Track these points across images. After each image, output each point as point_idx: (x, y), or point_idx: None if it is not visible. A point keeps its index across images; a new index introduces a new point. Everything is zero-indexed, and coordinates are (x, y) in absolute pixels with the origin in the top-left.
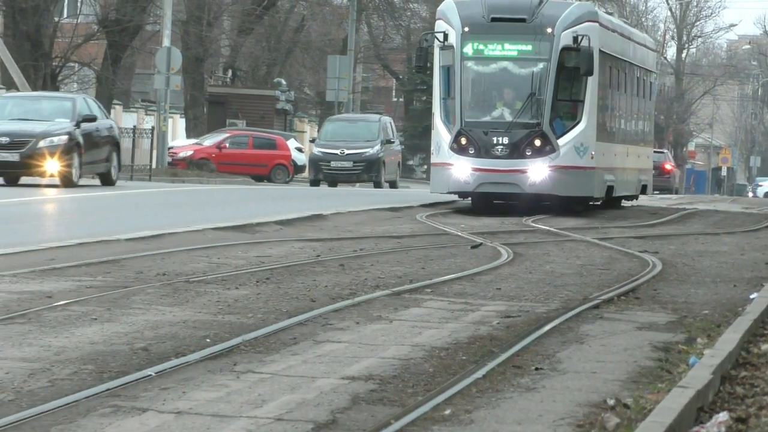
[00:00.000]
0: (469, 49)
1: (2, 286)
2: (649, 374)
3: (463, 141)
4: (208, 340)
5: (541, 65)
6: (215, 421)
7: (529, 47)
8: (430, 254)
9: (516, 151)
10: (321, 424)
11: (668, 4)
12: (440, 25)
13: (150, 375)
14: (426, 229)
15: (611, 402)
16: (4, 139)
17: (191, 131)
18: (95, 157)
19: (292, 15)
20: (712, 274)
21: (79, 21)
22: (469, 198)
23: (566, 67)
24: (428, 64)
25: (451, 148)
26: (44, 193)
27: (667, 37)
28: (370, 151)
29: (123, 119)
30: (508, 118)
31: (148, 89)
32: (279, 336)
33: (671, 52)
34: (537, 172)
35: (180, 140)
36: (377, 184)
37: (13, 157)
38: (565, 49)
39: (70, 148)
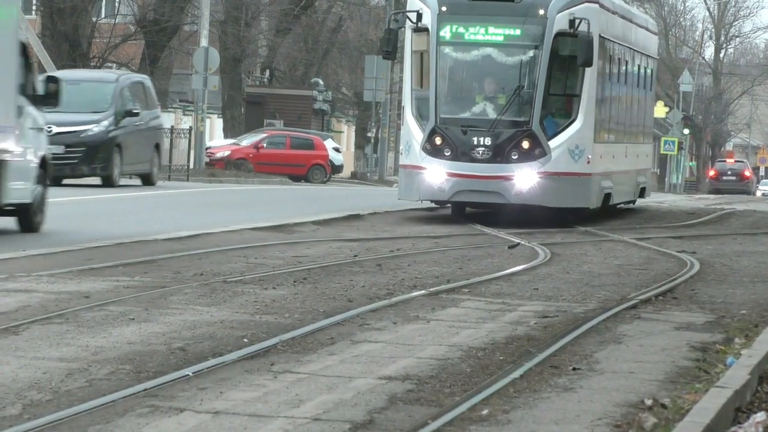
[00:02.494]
0: (446, 33)
1: (40, 286)
2: (687, 374)
3: (438, 141)
4: (245, 340)
5: (531, 53)
6: (252, 421)
7: (518, 32)
8: (468, 254)
9: (500, 154)
10: (358, 424)
11: (706, 4)
12: (413, 3)
13: (187, 375)
14: (463, 228)
15: (649, 402)
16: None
17: (229, 131)
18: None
19: (329, 15)
20: (750, 274)
21: (116, 21)
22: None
23: (560, 56)
24: (397, 49)
25: (424, 149)
26: (85, 194)
27: (705, 36)
28: (93, 128)
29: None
30: (492, 114)
31: (186, 89)
32: (316, 336)
33: (709, 52)
34: (524, 179)
35: (217, 140)
36: (107, 181)
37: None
38: (560, 35)
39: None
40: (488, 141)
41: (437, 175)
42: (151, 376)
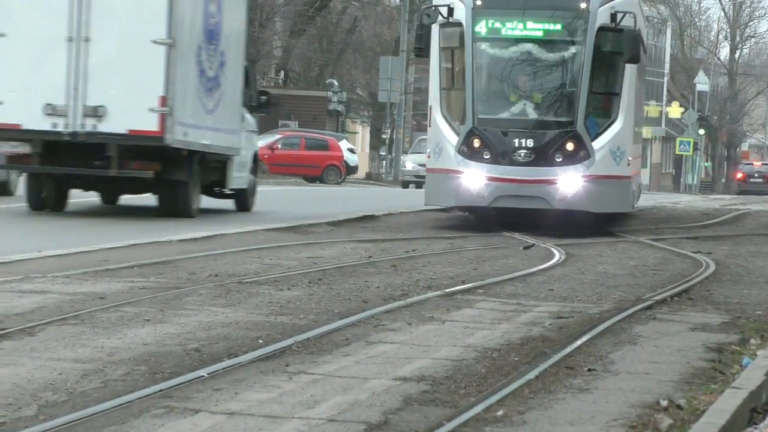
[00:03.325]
0: (482, 28)
1: (55, 287)
2: (702, 375)
3: (476, 143)
4: (260, 341)
5: (573, 49)
6: (267, 422)
7: (558, 26)
8: (483, 255)
9: (543, 156)
10: (373, 425)
11: (722, 4)
12: None
13: (202, 376)
14: (478, 229)
15: (664, 403)
16: None
17: None
18: None
19: (344, 16)
20: (765, 275)
21: None
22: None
23: (602, 52)
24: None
25: (460, 152)
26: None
27: (721, 37)
28: None
29: None
30: (533, 115)
31: None
32: (331, 337)
33: (724, 52)
34: (569, 183)
35: None
36: None
37: None
38: (602, 30)
39: None
40: (530, 143)
41: (476, 179)
42: (167, 377)
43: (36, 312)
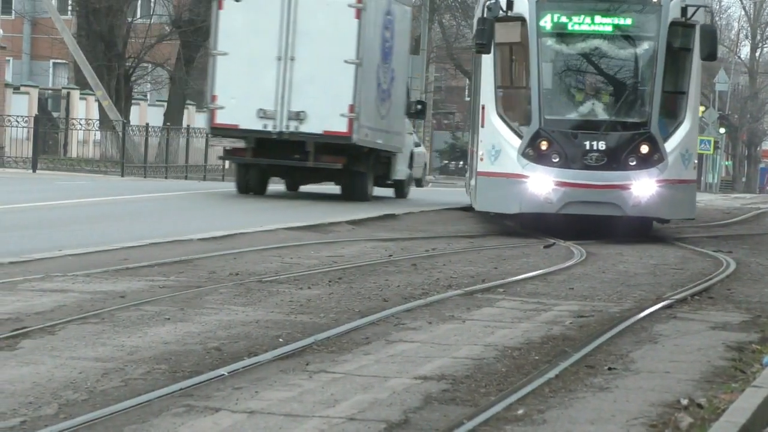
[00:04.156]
0: (547, 23)
1: (76, 286)
2: (723, 374)
3: (544, 146)
4: (280, 339)
5: (645, 45)
6: (288, 421)
7: (629, 21)
8: (503, 254)
9: (616, 160)
10: (393, 424)
11: (742, 3)
12: None
13: (223, 375)
14: (498, 228)
15: (685, 402)
16: None
17: None
18: None
19: None
20: None
21: (152, 21)
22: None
23: (673, 48)
24: (492, 41)
25: (525, 155)
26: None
27: (741, 36)
28: None
29: (196, 119)
30: (604, 115)
31: None
32: (351, 336)
33: (745, 51)
34: (642, 188)
35: None
36: None
37: None
38: (674, 24)
39: None
40: (602, 145)
41: (543, 184)
42: (187, 376)
43: (56, 311)
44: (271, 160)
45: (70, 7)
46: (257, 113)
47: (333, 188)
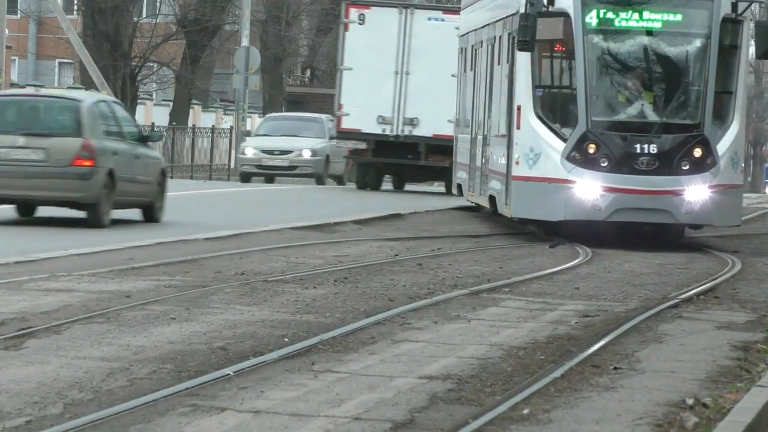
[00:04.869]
0: (593, 18)
1: (82, 286)
2: (728, 373)
3: (591, 149)
4: (286, 339)
5: (697, 42)
6: (293, 421)
7: (679, 17)
8: (508, 253)
9: (668, 164)
10: (399, 424)
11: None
12: None
13: (228, 374)
14: (504, 228)
15: (690, 401)
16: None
17: None
18: None
19: None
20: None
21: (158, 21)
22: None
23: (725, 46)
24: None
25: (570, 159)
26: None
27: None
28: None
29: (201, 119)
30: (654, 117)
31: (227, 89)
32: (357, 335)
33: (751, 50)
34: (695, 193)
35: None
36: None
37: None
38: (726, 20)
39: None
40: (654, 149)
41: (590, 190)
42: (192, 376)
43: (62, 310)
44: (389, 159)
45: (75, 7)
46: (377, 119)
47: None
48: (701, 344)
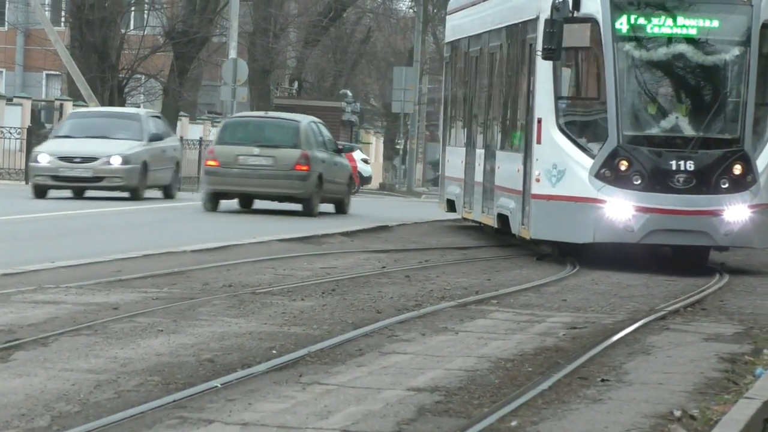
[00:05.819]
0: (623, 25)
1: (69, 298)
2: (716, 385)
3: (623, 166)
4: (274, 351)
5: (735, 51)
6: None
7: (716, 22)
8: (496, 265)
9: (706, 182)
10: None
11: None
12: None
13: (216, 386)
14: (491, 240)
15: (678, 413)
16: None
17: None
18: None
19: (358, 26)
20: None
21: (145, 33)
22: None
23: (763, 54)
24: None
25: (600, 176)
26: (112, 206)
27: None
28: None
29: (189, 131)
30: (690, 131)
31: (215, 101)
32: (345, 347)
33: None
34: (735, 214)
35: None
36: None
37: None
38: (765, 27)
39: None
40: (690, 165)
41: (622, 210)
42: (180, 388)
43: (49, 322)
44: None
45: (63, 19)
46: None
47: None
48: (689, 356)
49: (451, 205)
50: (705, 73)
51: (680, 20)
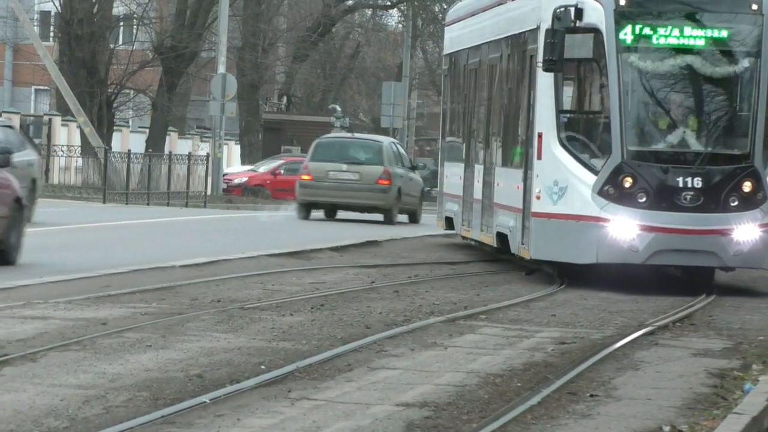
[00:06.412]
0: (628, 35)
1: (57, 313)
2: (705, 401)
3: (628, 183)
4: (262, 366)
5: (745, 62)
6: None
7: (725, 33)
8: (485, 280)
9: (714, 200)
10: None
11: None
12: None
13: (205, 402)
14: (480, 255)
15: (666, 429)
16: None
17: (246, 157)
18: None
19: (347, 41)
20: (767, 300)
21: (134, 48)
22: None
23: None
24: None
25: (603, 193)
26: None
27: None
28: None
29: (178, 146)
30: (697, 146)
31: (204, 116)
32: (334, 362)
33: None
34: (745, 233)
35: (235, 167)
36: None
37: None
38: None
39: None
40: (698, 182)
41: (626, 229)
42: (169, 403)
43: (38, 338)
44: None
45: (52, 34)
46: None
47: None
48: (677, 371)
49: (449, 223)
50: (713, 85)
51: (687, 30)
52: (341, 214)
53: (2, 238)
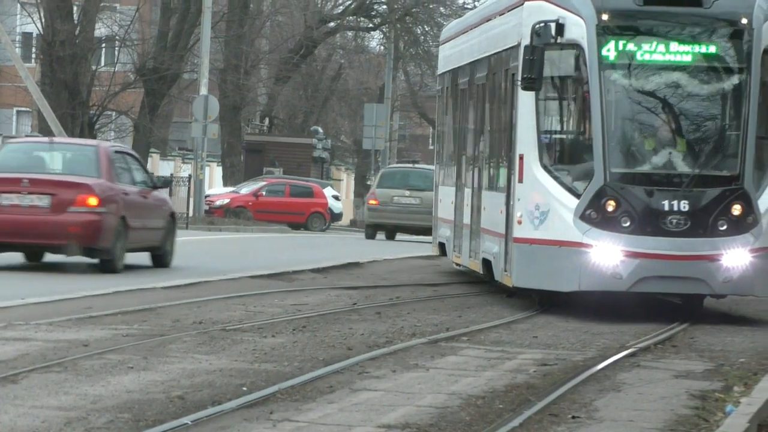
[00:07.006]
0: (610, 51)
1: (39, 335)
2: (686, 422)
3: (611, 206)
4: (244, 388)
5: (734, 78)
6: None
7: (712, 48)
8: (467, 302)
9: (702, 224)
10: None
11: None
12: (547, 10)
13: (186, 423)
14: (462, 277)
15: None
16: None
17: (228, 179)
18: None
19: (329, 63)
20: (748, 322)
21: (116, 69)
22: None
23: (765, 83)
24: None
25: (585, 218)
26: None
27: None
28: None
29: (160, 167)
30: (684, 167)
31: (186, 137)
32: (315, 384)
33: None
34: (734, 259)
35: (217, 188)
36: None
37: None
38: (765, 53)
39: None
40: (685, 205)
41: (610, 255)
42: (150, 425)
43: (19, 359)
44: None
45: (34, 55)
46: None
47: None
48: (659, 393)
49: (442, 249)
50: (701, 103)
51: (673, 46)
52: (399, 236)
53: (160, 245)
